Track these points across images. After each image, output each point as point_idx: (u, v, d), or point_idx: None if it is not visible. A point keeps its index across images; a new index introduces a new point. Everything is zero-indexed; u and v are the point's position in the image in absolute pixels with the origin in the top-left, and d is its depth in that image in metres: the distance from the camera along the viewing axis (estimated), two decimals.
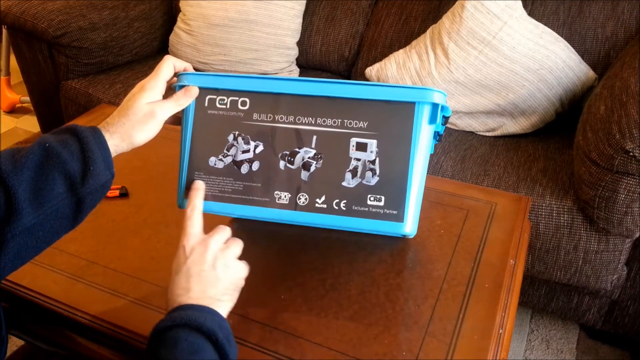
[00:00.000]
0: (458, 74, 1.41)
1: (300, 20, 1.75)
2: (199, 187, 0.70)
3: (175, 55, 1.79)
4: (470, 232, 0.83)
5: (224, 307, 0.61)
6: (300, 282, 0.75)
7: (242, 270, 0.65)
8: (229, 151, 0.71)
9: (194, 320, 0.55)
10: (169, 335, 0.54)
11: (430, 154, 0.73)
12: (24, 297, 0.74)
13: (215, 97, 0.72)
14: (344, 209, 0.69)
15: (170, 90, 0.71)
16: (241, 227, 0.85)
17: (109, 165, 0.60)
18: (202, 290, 0.59)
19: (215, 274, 0.61)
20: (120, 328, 0.69)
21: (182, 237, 0.64)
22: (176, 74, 0.72)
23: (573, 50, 1.42)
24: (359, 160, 0.69)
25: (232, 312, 0.70)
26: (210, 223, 0.84)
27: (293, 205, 0.70)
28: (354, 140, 0.69)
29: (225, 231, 0.66)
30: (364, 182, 0.69)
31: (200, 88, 0.71)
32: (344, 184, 0.69)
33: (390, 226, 0.69)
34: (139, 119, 0.64)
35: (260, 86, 0.71)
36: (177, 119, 0.72)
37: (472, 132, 1.50)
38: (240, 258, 0.66)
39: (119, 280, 0.76)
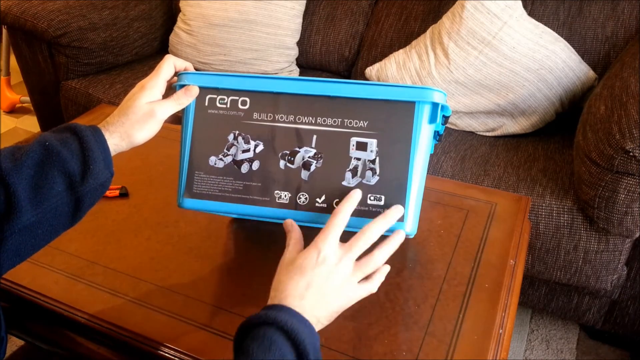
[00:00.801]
0: (458, 74, 1.41)
1: (300, 20, 1.75)
2: (355, 196, 0.65)
3: (176, 55, 1.79)
4: (470, 232, 0.83)
5: (319, 327, 0.58)
6: None
7: (351, 300, 0.60)
8: (229, 150, 0.71)
9: (299, 339, 0.51)
10: (266, 334, 0.51)
11: (430, 154, 0.73)
12: (24, 297, 0.74)
13: (215, 96, 0.72)
14: None
15: (171, 89, 0.71)
16: (241, 227, 0.85)
17: (108, 165, 0.61)
18: (314, 306, 0.56)
19: (330, 298, 0.58)
20: (120, 328, 0.69)
21: (321, 237, 0.60)
22: (176, 74, 0.72)
23: (573, 50, 1.42)
24: (359, 159, 0.69)
25: (233, 313, 0.70)
26: (212, 222, 0.85)
27: (293, 204, 0.70)
28: (354, 140, 0.69)
29: (362, 246, 0.61)
30: (364, 181, 0.69)
31: (200, 87, 0.71)
32: (344, 183, 0.69)
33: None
34: (138, 119, 0.64)
35: (261, 86, 0.71)
36: (177, 119, 0.72)
37: (472, 132, 1.50)
38: (241, 259, 0.66)
39: (118, 280, 0.75)
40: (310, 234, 0.81)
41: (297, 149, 0.70)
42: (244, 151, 0.71)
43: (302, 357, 0.51)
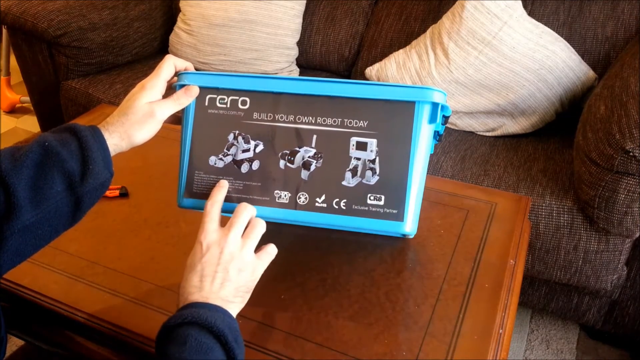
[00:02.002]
0: (458, 74, 1.41)
1: (300, 20, 1.75)
2: (222, 185, 0.70)
3: (176, 55, 1.79)
4: (470, 232, 0.83)
5: (234, 307, 0.60)
6: (300, 282, 0.75)
7: (255, 271, 0.63)
8: (229, 150, 0.71)
9: (204, 320, 0.54)
10: (178, 333, 0.54)
11: (430, 154, 0.73)
12: (24, 297, 0.74)
13: (215, 96, 0.72)
14: (344, 208, 0.69)
15: (171, 89, 0.71)
16: None
17: (108, 165, 0.61)
18: (214, 290, 0.59)
19: (228, 276, 0.60)
20: (120, 328, 0.69)
21: (199, 232, 0.63)
22: (177, 74, 0.72)
23: (573, 50, 1.42)
24: (359, 159, 0.69)
25: None
26: None
27: (293, 204, 0.70)
28: (354, 140, 0.69)
29: (241, 220, 0.64)
30: (364, 181, 0.69)
31: (200, 87, 0.71)
32: (344, 183, 0.69)
33: (390, 225, 0.69)
34: (138, 119, 0.64)
35: (261, 85, 0.71)
36: (177, 119, 0.72)
37: (472, 132, 1.50)
38: None
39: (118, 280, 0.75)
40: (308, 234, 0.81)
41: (297, 148, 0.70)
42: (244, 151, 0.71)
43: (220, 338, 0.54)
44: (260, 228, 0.65)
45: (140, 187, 0.94)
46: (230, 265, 0.61)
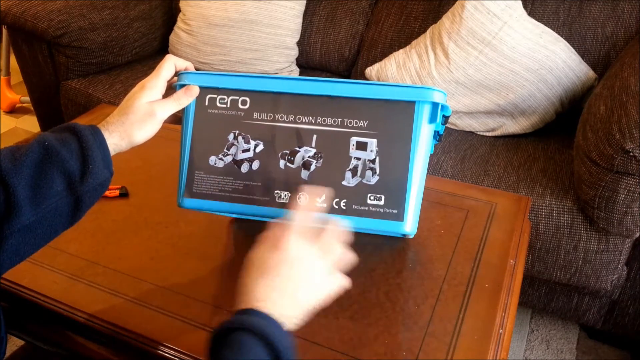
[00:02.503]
0: (458, 74, 1.41)
1: (300, 20, 1.75)
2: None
3: (176, 55, 1.79)
4: (470, 232, 0.83)
5: (292, 327, 0.55)
6: None
7: (322, 294, 0.58)
8: (229, 150, 0.71)
9: (273, 342, 0.50)
10: (236, 339, 0.50)
11: (430, 154, 0.73)
12: (24, 297, 0.74)
13: (215, 96, 0.72)
14: (344, 208, 0.69)
15: (171, 89, 0.71)
16: (241, 227, 0.85)
17: (107, 164, 0.61)
18: (285, 307, 0.54)
19: (306, 299, 0.56)
20: (120, 328, 0.68)
21: (282, 239, 0.57)
22: (177, 73, 0.72)
23: (573, 50, 1.42)
24: (359, 159, 0.69)
25: (233, 313, 0.70)
26: (212, 222, 0.85)
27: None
28: (354, 140, 0.69)
29: (323, 241, 0.59)
30: (364, 181, 0.69)
31: (200, 87, 0.71)
32: (344, 183, 0.69)
33: (390, 225, 0.69)
34: (138, 118, 0.64)
35: (261, 85, 0.71)
36: (177, 119, 0.72)
37: (472, 132, 1.50)
38: (241, 259, 0.66)
39: (118, 280, 0.75)
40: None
41: (297, 148, 0.70)
42: (244, 151, 0.71)
43: (279, 355, 0.50)
44: (350, 260, 0.60)
45: (140, 187, 0.94)
46: (303, 286, 0.56)
